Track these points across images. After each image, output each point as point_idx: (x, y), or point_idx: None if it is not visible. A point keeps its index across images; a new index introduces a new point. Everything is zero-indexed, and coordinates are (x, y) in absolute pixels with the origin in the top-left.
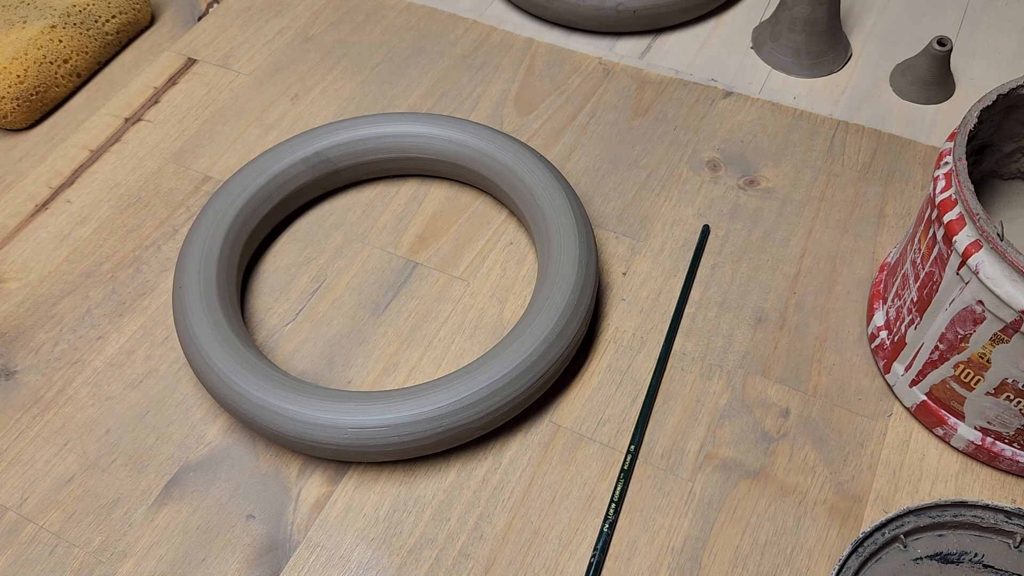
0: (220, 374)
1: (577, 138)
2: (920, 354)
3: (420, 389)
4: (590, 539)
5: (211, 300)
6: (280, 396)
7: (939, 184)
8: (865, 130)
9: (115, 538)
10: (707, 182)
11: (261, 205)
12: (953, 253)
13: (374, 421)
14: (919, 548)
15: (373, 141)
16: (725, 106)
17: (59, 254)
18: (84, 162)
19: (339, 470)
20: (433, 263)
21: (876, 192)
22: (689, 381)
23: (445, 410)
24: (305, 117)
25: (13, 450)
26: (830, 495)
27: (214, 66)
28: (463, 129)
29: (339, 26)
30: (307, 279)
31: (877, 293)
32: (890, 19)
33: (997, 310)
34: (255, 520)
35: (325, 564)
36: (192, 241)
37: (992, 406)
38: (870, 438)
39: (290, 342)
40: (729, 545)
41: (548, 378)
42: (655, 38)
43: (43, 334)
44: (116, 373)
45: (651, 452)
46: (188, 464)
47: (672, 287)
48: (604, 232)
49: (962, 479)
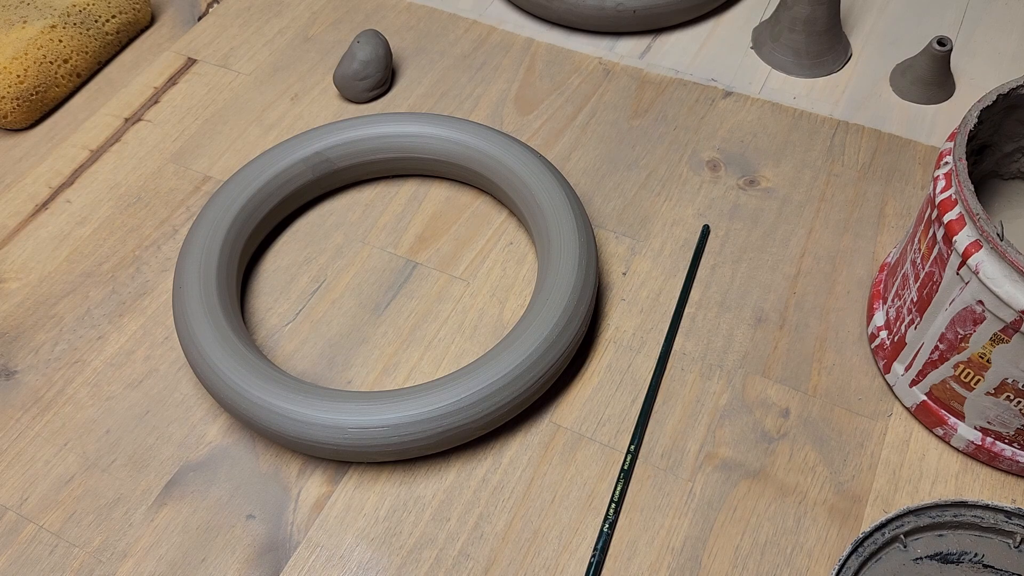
0: (220, 374)
1: (577, 138)
2: (920, 354)
3: (420, 389)
4: (590, 539)
5: (211, 300)
6: (280, 396)
7: (939, 184)
8: (865, 130)
9: (115, 538)
10: (707, 182)
11: (261, 205)
12: (953, 253)
13: (374, 421)
14: (919, 548)
15: (373, 141)
16: (725, 106)
17: (59, 254)
18: (84, 162)
19: (339, 470)
20: (433, 263)
21: (876, 192)
22: (689, 381)
23: (445, 410)
24: (305, 117)
25: (13, 450)
26: (830, 495)
27: (214, 66)
28: (463, 129)
29: (339, 26)
30: (307, 279)
31: (877, 293)
32: (890, 19)
33: (997, 310)
34: (255, 520)
35: (325, 564)
36: (192, 241)
37: (992, 406)
38: (870, 438)
39: (290, 342)
40: (729, 545)
41: (548, 378)
42: (655, 38)
43: (43, 334)
44: (116, 373)
45: (651, 452)
46: (188, 464)
47: (672, 287)
48: (604, 232)
49: (962, 479)
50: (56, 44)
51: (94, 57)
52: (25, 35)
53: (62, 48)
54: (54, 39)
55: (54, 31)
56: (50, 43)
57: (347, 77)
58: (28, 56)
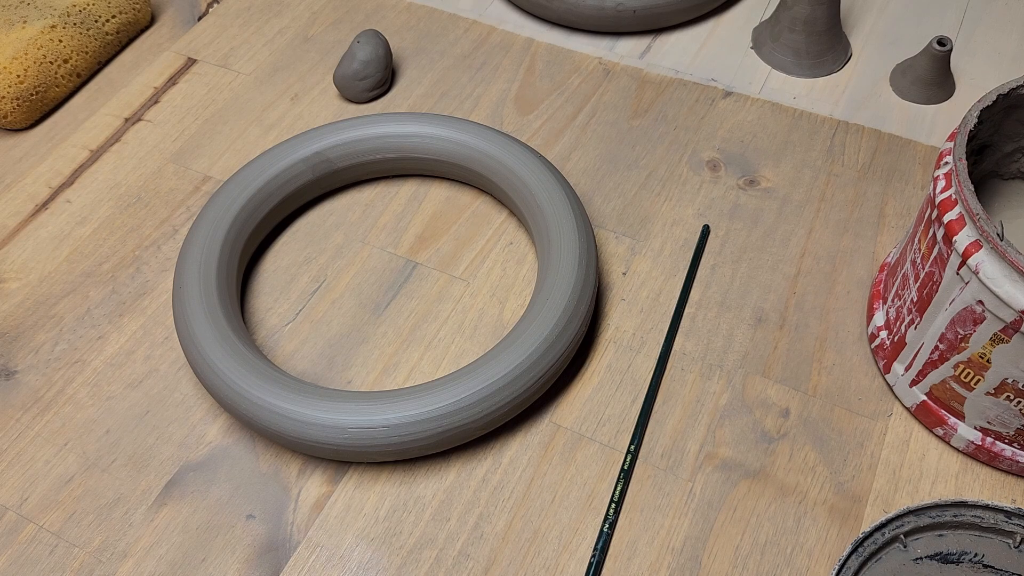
0: (220, 374)
1: (577, 138)
2: (920, 354)
3: (420, 389)
4: (590, 539)
5: (211, 300)
6: (280, 396)
7: (939, 184)
8: (865, 130)
9: (115, 538)
10: (707, 182)
11: (261, 205)
12: (953, 253)
13: (374, 421)
14: (919, 548)
15: (373, 141)
16: (725, 106)
17: (59, 254)
18: (84, 162)
19: (339, 470)
20: (433, 263)
21: (876, 192)
22: (689, 381)
23: (445, 410)
24: (305, 117)
25: (13, 450)
26: (830, 495)
27: (214, 66)
28: (463, 129)
29: (339, 26)
30: (307, 279)
31: (877, 293)
32: (890, 19)
33: (997, 310)
34: (255, 520)
35: (325, 564)
36: (192, 241)
37: (992, 406)
38: (870, 438)
39: (290, 342)
40: (729, 545)
41: (548, 378)
42: (655, 38)
43: (43, 334)
44: (116, 373)
45: (651, 452)
46: (188, 464)
47: (672, 287)
48: (604, 232)
49: (962, 479)
50: (56, 44)
51: (94, 57)
52: (25, 35)
53: (62, 48)
54: (54, 39)
55: (54, 31)
56: (50, 43)
57: (347, 77)
58: (28, 56)
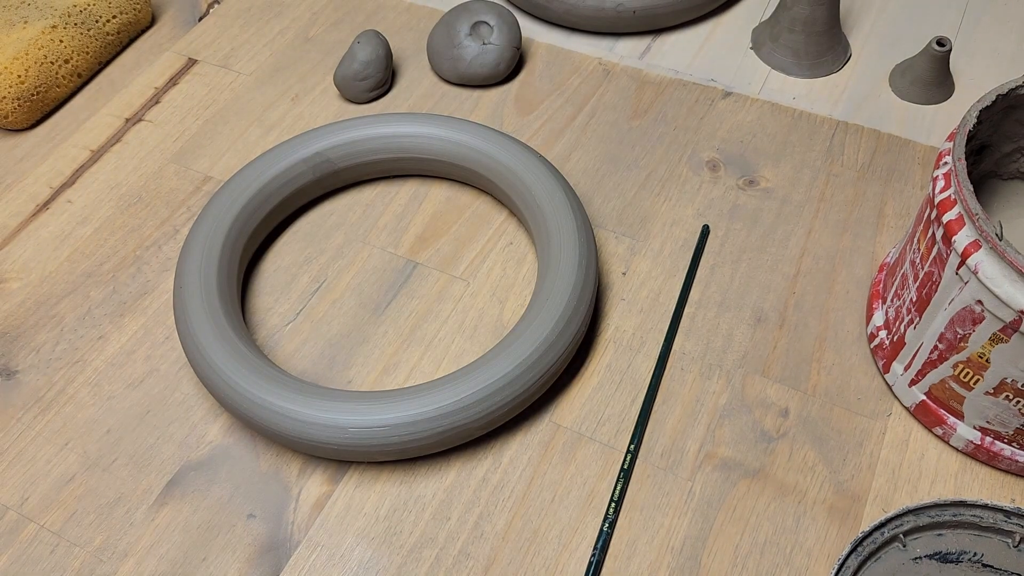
0: (221, 374)
1: (577, 138)
2: (919, 354)
3: (420, 389)
4: (590, 538)
5: (212, 300)
6: (280, 396)
7: (938, 184)
8: (864, 130)
9: (116, 537)
10: (707, 182)
11: (262, 205)
12: (952, 253)
13: (374, 421)
14: (918, 547)
15: (373, 141)
16: (725, 106)
17: (60, 254)
18: (85, 162)
19: (339, 470)
20: (433, 263)
21: (875, 192)
22: (689, 381)
23: (445, 410)
24: (305, 117)
25: (14, 450)
26: (829, 494)
27: (215, 66)
28: (463, 129)
29: (339, 26)
30: (307, 279)
31: (876, 293)
32: (889, 19)
33: (996, 310)
34: (255, 519)
35: (325, 563)
36: (193, 241)
37: (991, 406)
38: (869, 438)
39: (290, 342)
40: (729, 544)
41: (548, 378)
42: (655, 38)
43: (44, 334)
44: (117, 373)
45: (651, 452)
46: (189, 464)
47: (672, 287)
48: (604, 232)
49: (961, 478)
50: (57, 44)
51: (95, 57)
52: (26, 35)
53: (63, 48)
54: (55, 39)
55: (55, 31)
56: (51, 43)
57: (347, 77)
58: (29, 56)
